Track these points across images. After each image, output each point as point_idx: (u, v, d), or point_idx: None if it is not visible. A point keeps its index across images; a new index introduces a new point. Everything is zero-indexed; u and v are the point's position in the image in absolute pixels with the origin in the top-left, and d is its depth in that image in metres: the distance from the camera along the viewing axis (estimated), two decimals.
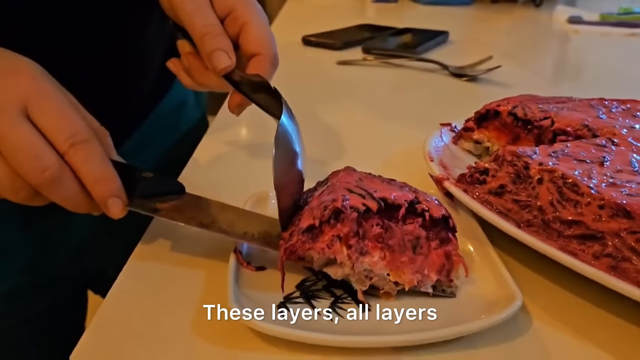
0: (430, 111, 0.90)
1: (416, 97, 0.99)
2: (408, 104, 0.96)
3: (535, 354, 0.41)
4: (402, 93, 1.03)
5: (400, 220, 0.45)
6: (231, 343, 0.42)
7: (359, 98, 0.98)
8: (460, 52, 1.24)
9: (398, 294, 0.46)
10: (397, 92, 1.04)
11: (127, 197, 0.48)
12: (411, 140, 0.69)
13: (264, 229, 0.51)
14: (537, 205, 0.49)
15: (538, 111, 0.63)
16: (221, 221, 0.50)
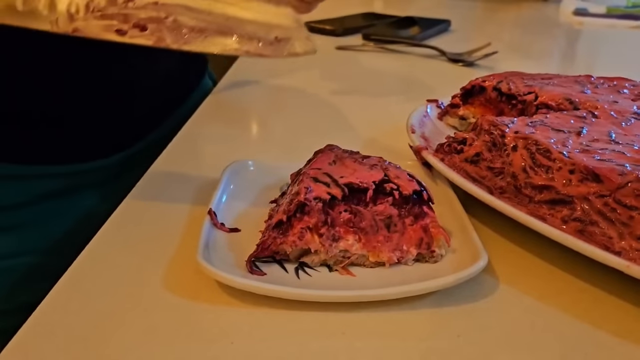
0: (423, 93, 0.90)
1: (412, 81, 0.99)
2: (403, 86, 0.96)
3: (499, 314, 0.42)
4: (399, 77, 1.03)
5: (370, 201, 0.45)
6: (199, 298, 0.43)
7: (356, 81, 0.99)
8: (460, 40, 1.24)
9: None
10: (393, 76, 1.04)
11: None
12: (400, 117, 0.69)
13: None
14: (510, 172, 0.49)
15: (522, 86, 0.63)
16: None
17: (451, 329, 0.40)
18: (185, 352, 0.38)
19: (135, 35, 0.39)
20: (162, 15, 0.39)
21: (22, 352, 0.38)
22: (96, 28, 0.38)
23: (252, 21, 0.41)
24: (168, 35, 0.39)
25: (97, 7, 0.38)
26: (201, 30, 0.40)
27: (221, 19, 0.40)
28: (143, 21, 0.39)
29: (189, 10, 0.39)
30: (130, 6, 0.39)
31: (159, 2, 0.39)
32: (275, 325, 0.40)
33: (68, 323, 0.40)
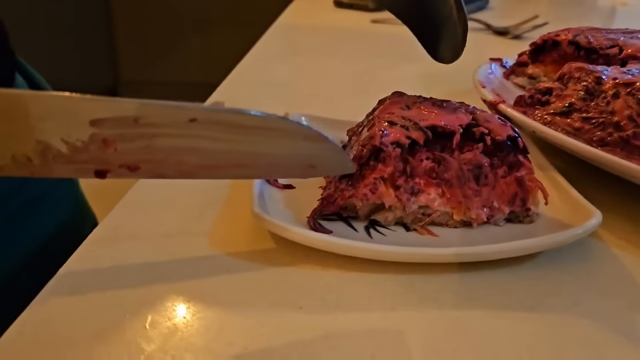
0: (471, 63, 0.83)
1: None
2: None
3: (618, 280, 0.34)
4: None
5: (456, 149, 0.38)
6: (255, 257, 0.36)
7: (397, 53, 0.92)
8: (501, 16, 1.16)
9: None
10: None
11: None
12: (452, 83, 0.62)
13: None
14: (613, 122, 0.42)
15: (604, 39, 0.56)
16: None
17: (565, 296, 0.33)
18: (245, 317, 0.31)
19: (124, 174, 0.31)
20: (159, 157, 0.31)
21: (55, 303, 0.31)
22: (64, 171, 0.30)
23: (279, 155, 0.32)
24: (170, 172, 0.31)
25: (59, 155, 0.29)
26: (214, 166, 0.32)
27: (237, 155, 0.32)
28: (134, 162, 0.30)
29: (195, 151, 0.31)
30: (109, 152, 0.30)
31: (151, 146, 0.30)
32: (350, 290, 0.33)
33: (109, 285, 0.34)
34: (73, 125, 0.29)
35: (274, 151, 0.32)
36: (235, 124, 0.31)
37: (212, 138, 0.31)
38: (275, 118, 0.31)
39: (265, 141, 0.32)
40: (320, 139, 0.33)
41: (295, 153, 0.33)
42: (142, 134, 0.30)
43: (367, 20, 1.10)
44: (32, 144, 0.29)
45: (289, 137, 0.32)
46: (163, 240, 0.38)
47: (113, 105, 0.29)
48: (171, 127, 0.30)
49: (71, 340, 0.29)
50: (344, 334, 0.30)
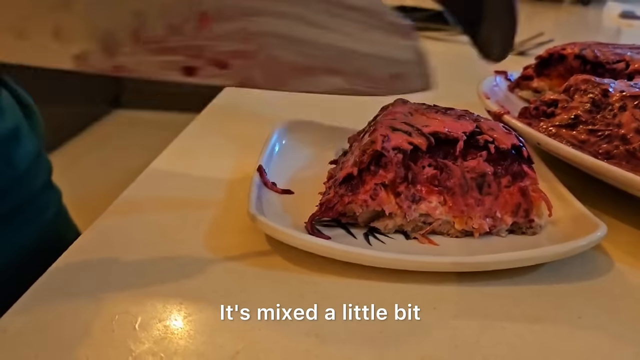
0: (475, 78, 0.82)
1: (460, 67, 0.91)
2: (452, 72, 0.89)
3: (622, 295, 0.33)
4: (446, 63, 0.95)
5: (460, 156, 0.37)
6: (249, 261, 0.35)
7: None
8: None
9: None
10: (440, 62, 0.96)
11: None
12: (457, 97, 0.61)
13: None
14: (620, 134, 0.41)
15: (610, 54, 0.55)
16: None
17: (569, 309, 0.32)
18: (238, 321, 0.30)
19: (212, 75, 0.28)
20: (252, 48, 0.28)
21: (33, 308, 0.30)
22: (150, 65, 0.27)
23: (366, 54, 0.30)
24: (259, 74, 0.28)
25: (152, 37, 0.26)
26: (304, 68, 0.29)
27: (330, 52, 0.29)
28: (224, 55, 0.28)
29: (289, 42, 0.28)
30: (204, 35, 0.27)
31: (247, 30, 0.27)
32: (347, 296, 0.32)
33: (99, 285, 0.33)
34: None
35: (362, 48, 0.30)
36: (338, 0, 0.28)
37: (308, 21, 0.28)
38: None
39: (358, 31, 0.29)
40: (410, 35, 0.30)
41: (386, 54, 0.30)
42: (241, 9, 0.27)
43: None
44: (128, 17, 0.25)
45: (383, 29, 0.30)
46: (156, 241, 0.37)
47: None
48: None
49: (58, 339, 0.28)
50: (340, 340, 0.29)
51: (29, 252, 0.55)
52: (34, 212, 0.58)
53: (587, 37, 1.28)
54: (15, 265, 0.53)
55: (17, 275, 0.40)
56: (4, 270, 0.52)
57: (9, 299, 0.31)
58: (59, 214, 0.64)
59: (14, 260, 0.54)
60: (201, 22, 0.26)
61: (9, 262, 0.53)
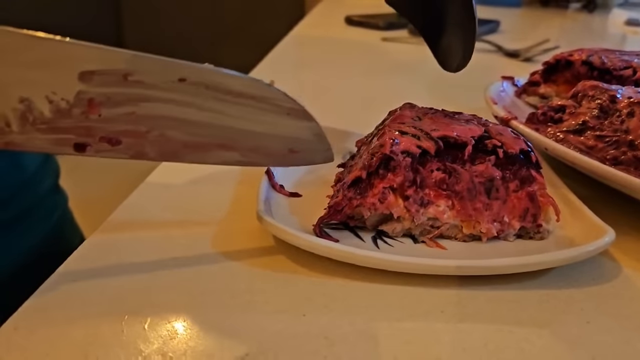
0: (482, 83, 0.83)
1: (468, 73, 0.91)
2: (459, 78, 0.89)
3: (627, 296, 0.33)
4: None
5: (468, 160, 0.37)
6: (258, 263, 0.35)
7: (406, 71, 0.91)
8: (512, 39, 1.16)
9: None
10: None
11: None
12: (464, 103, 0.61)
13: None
14: (628, 140, 0.41)
15: (618, 60, 0.55)
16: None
17: (577, 314, 0.32)
18: (246, 323, 0.30)
19: (104, 150, 0.29)
20: (143, 129, 0.29)
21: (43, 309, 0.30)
22: (42, 142, 0.28)
23: (261, 133, 0.32)
24: (151, 150, 0.30)
25: (40, 118, 0.27)
26: (197, 145, 0.31)
27: (223, 132, 0.31)
28: (116, 134, 0.29)
29: (179, 123, 0.30)
30: (93, 118, 0.28)
31: (136, 113, 0.29)
32: (356, 299, 0.32)
33: (108, 286, 0.33)
34: (61, 78, 0.27)
35: (257, 128, 0.32)
36: (222, 88, 0.30)
37: (198, 106, 0.30)
38: (262, 85, 0.31)
39: (249, 115, 0.31)
40: (304, 116, 0.32)
41: (278, 133, 0.32)
42: (129, 96, 0.29)
43: (377, 38, 1.10)
44: (14, 103, 0.27)
45: (273, 111, 0.31)
46: (165, 242, 0.37)
47: (105, 54, 0.28)
48: (159, 88, 0.29)
49: (68, 339, 0.28)
50: (348, 342, 0.29)
51: (35, 254, 0.55)
52: (41, 216, 0.58)
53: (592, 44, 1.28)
54: (21, 267, 0.53)
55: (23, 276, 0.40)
56: (11, 271, 0.52)
57: (16, 299, 0.31)
58: (64, 217, 0.64)
59: (20, 261, 0.54)
60: (89, 107, 0.28)
61: (16, 264, 0.53)
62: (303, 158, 0.34)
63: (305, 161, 0.34)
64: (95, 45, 0.27)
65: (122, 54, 0.28)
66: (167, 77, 0.29)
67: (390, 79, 0.86)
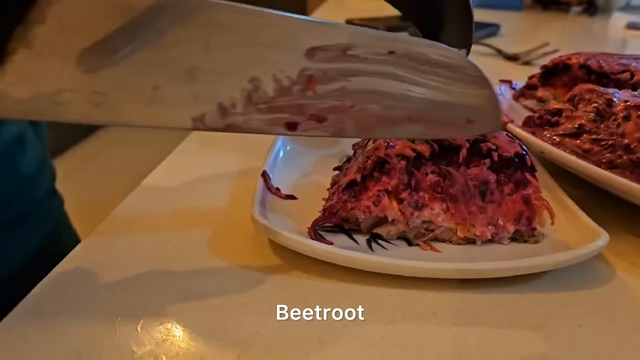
0: None
1: None
2: None
3: (625, 305, 0.33)
4: None
5: (463, 163, 0.37)
6: (253, 265, 0.35)
7: None
8: (512, 43, 1.17)
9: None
10: None
11: None
12: None
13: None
14: (623, 144, 0.41)
15: (615, 64, 0.55)
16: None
17: (570, 317, 0.32)
18: (240, 324, 0.30)
19: (311, 128, 0.30)
20: (348, 104, 0.30)
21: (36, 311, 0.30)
22: (259, 122, 0.29)
23: (446, 103, 0.32)
24: (351, 126, 0.31)
25: (263, 98, 0.28)
26: (390, 119, 0.31)
27: (414, 104, 0.31)
28: (323, 111, 0.30)
29: (380, 97, 0.31)
30: (308, 95, 0.29)
31: (346, 88, 0.30)
32: (349, 301, 0.32)
33: (103, 287, 0.33)
34: (290, 55, 0.28)
35: (444, 98, 0.32)
36: (423, 58, 0.30)
37: (400, 78, 0.30)
38: (456, 54, 0.31)
39: (441, 84, 0.31)
40: (487, 84, 0.32)
41: (462, 102, 0.32)
42: (344, 71, 0.29)
43: None
44: (244, 82, 0.28)
45: (462, 80, 0.32)
46: (160, 244, 0.37)
47: (332, 29, 0.28)
48: (371, 61, 0.29)
49: (62, 340, 0.29)
50: (341, 345, 0.29)
51: (32, 257, 0.55)
52: (37, 219, 0.58)
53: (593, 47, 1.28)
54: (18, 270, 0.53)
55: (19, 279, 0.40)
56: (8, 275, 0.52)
57: (13, 303, 0.31)
58: (60, 220, 0.64)
59: (17, 265, 0.54)
60: (308, 84, 0.29)
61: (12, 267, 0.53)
62: (478, 127, 0.33)
63: (479, 130, 0.34)
64: (322, 21, 0.28)
65: (347, 29, 0.29)
66: (380, 49, 0.29)
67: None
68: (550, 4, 1.74)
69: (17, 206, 0.54)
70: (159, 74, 0.26)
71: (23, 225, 0.55)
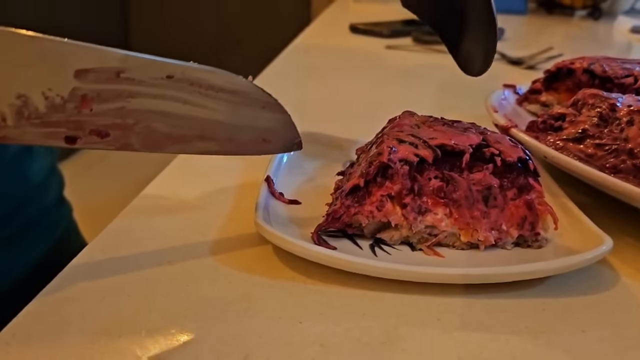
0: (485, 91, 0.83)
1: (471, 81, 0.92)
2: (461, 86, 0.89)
3: (629, 310, 0.33)
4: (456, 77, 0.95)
5: (466, 168, 0.37)
6: (256, 270, 0.35)
7: (409, 79, 0.92)
8: (516, 47, 1.17)
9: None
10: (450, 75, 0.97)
11: None
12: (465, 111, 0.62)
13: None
14: (627, 149, 0.41)
15: (619, 69, 0.56)
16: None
17: (573, 323, 0.32)
18: (244, 329, 0.30)
19: (93, 142, 0.31)
20: (130, 122, 0.31)
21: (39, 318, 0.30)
22: (33, 135, 0.29)
23: (237, 125, 0.35)
24: (137, 141, 0.32)
25: (35, 113, 0.29)
26: (179, 137, 0.33)
27: (203, 124, 0.33)
28: (104, 127, 0.31)
29: (164, 116, 0.32)
30: (84, 113, 0.30)
31: (126, 108, 0.31)
32: (352, 306, 0.32)
33: (107, 291, 0.33)
34: (58, 75, 0.29)
35: (235, 121, 0.34)
36: (205, 83, 0.32)
37: (182, 100, 0.32)
38: (241, 80, 0.34)
39: (229, 108, 0.34)
40: (279, 109, 0.35)
41: (254, 125, 0.35)
42: (120, 92, 0.30)
43: (381, 46, 1.11)
44: (12, 98, 0.28)
45: (250, 105, 0.34)
46: (162, 249, 0.37)
47: (100, 53, 0.30)
48: (148, 84, 0.31)
49: (66, 344, 0.29)
50: (344, 350, 0.29)
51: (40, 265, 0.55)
52: (46, 227, 0.58)
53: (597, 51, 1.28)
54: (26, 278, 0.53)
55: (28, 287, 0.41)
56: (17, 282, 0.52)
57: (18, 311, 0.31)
58: (69, 228, 0.64)
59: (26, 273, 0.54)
60: (82, 102, 0.30)
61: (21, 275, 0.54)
62: (275, 147, 0.37)
63: (277, 150, 0.37)
64: (92, 46, 0.29)
65: (116, 54, 0.30)
66: (156, 74, 0.31)
67: (393, 86, 0.86)
68: (554, 7, 1.74)
69: (25, 214, 0.55)
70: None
71: (32, 234, 0.56)
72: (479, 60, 0.43)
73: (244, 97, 0.34)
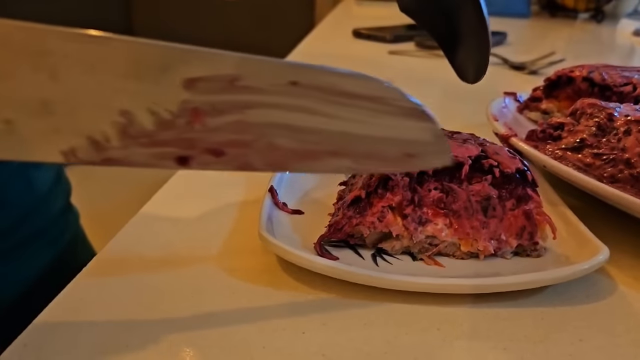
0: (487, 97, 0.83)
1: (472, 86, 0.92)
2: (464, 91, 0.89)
3: (626, 319, 0.34)
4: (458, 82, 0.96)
5: (465, 180, 0.38)
6: (260, 281, 0.36)
7: (411, 85, 0.92)
8: (519, 52, 1.17)
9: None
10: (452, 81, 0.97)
11: None
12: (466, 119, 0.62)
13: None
14: (624, 158, 0.42)
15: (618, 77, 0.56)
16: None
17: (571, 331, 0.33)
18: (247, 339, 0.31)
19: (208, 162, 0.27)
20: (249, 138, 0.27)
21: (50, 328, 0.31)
22: (142, 156, 0.26)
23: (375, 137, 0.29)
24: (258, 160, 0.28)
25: (142, 131, 0.25)
26: (306, 153, 0.28)
27: (334, 137, 0.28)
28: (219, 145, 0.27)
29: (289, 131, 0.27)
30: (197, 128, 0.26)
31: (243, 121, 0.27)
32: (354, 316, 0.33)
33: (115, 302, 0.34)
34: (165, 87, 0.25)
35: (372, 132, 0.28)
36: (336, 89, 0.27)
37: (310, 111, 0.27)
38: (379, 84, 0.28)
39: (364, 117, 0.28)
40: (424, 116, 0.29)
41: (395, 136, 0.29)
42: (236, 103, 0.26)
43: (384, 52, 1.11)
44: (114, 116, 0.25)
45: (390, 113, 0.28)
46: (168, 260, 0.38)
47: (212, 57, 0.26)
48: (269, 93, 0.27)
49: (74, 354, 0.30)
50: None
51: (47, 274, 0.56)
52: (53, 235, 0.59)
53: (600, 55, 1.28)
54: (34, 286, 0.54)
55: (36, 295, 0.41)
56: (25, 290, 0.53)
57: (30, 318, 0.32)
58: (76, 236, 0.65)
59: (33, 281, 0.55)
60: (193, 117, 0.26)
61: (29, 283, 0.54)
62: (420, 162, 0.30)
63: (423, 165, 0.31)
64: (200, 49, 0.26)
65: (230, 57, 0.26)
66: (277, 80, 0.27)
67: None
68: (557, 10, 1.74)
69: (32, 223, 0.55)
70: (8, 106, 0.24)
71: (38, 242, 0.56)
72: (474, 68, 0.43)
73: (384, 104, 0.28)
